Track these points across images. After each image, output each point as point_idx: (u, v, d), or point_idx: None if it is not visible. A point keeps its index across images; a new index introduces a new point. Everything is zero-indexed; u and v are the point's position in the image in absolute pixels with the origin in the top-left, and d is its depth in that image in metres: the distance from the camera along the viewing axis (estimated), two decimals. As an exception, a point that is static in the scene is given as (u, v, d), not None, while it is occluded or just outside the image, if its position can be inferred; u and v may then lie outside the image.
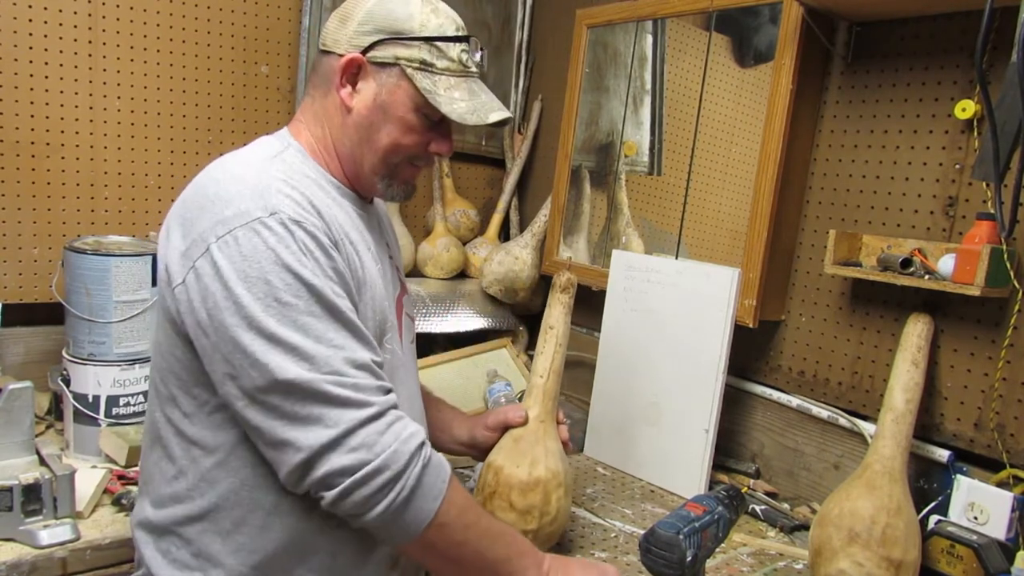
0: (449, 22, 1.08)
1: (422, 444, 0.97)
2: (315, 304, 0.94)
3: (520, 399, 1.55)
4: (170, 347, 1.03)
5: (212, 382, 0.99)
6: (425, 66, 1.05)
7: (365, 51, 1.06)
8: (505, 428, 1.33)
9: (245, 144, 1.11)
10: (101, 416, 1.54)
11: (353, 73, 1.07)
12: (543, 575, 1.06)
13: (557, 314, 1.40)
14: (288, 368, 0.91)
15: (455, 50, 1.07)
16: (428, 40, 1.05)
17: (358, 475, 0.92)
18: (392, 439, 0.94)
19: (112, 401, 1.55)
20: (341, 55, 1.06)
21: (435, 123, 1.10)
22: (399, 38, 1.05)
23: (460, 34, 1.08)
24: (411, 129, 1.08)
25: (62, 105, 1.76)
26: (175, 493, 1.05)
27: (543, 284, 2.23)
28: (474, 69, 1.10)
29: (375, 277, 1.09)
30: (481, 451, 1.35)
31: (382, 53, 1.06)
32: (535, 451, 1.28)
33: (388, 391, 0.99)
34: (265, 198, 0.96)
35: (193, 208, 0.99)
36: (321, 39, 1.11)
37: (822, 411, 1.58)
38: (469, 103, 1.07)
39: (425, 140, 1.10)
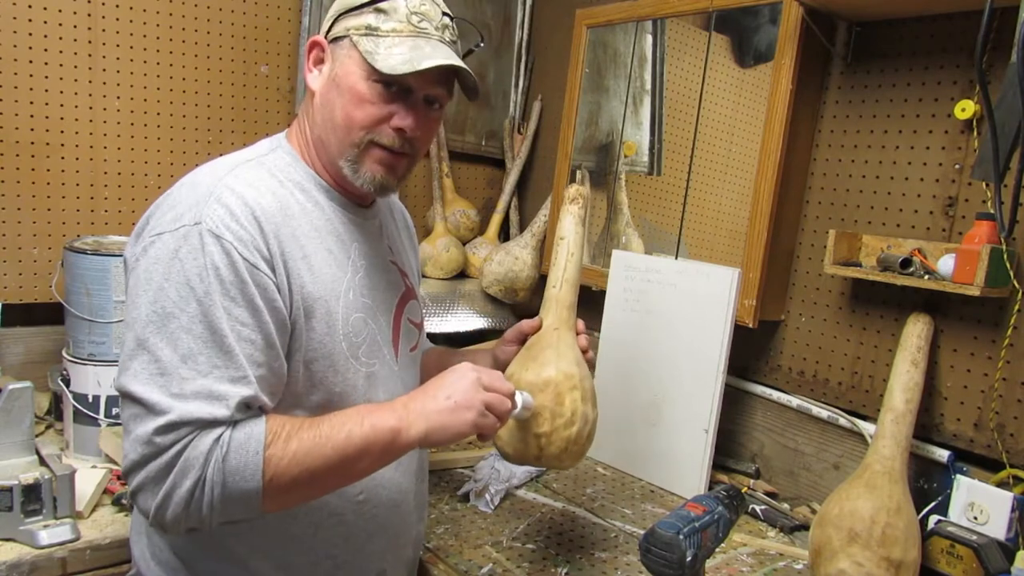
0: None
1: (218, 437, 0.89)
2: (198, 323, 0.90)
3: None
4: None
5: None
6: (370, 31, 1.01)
7: (327, 33, 1.06)
8: (523, 339, 1.29)
9: (244, 144, 1.11)
10: (101, 416, 1.54)
11: (318, 57, 1.06)
12: (409, 432, 0.97)
13: (568, 224, 1.35)
14: (140, 379, 0.89)
15: (402, 10, 1.02)
16: (371, 4, 1.02)
17: (159, 497, 0.88)
18: (179, 457, 0.88)
19: (112, 401, 1.54)
20: None
21: (396, 94, 1.02)
22: (349, 10, 1.04)
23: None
24: (363, 99, 1.01)
25: (62, 105, 1.77)
26: None
27: (543, 284, 2.23)
28: (431, 30, 1.03)
29: (338, 290, 1.04)
30: (504, 368, 1.29)
31: (336, 29, 1.05)
32: (545, 354, 1.22)
33: (219, 423, 0.90)
34: (200, 206, 0.95)
35: (155, 206, 1.01)
36: None
37: (822, 411, 1.58)
38: (406, 56, 1.00)
39: (383, 113, 1.02)
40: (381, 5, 1.02)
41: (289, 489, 0.92)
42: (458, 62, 1.02)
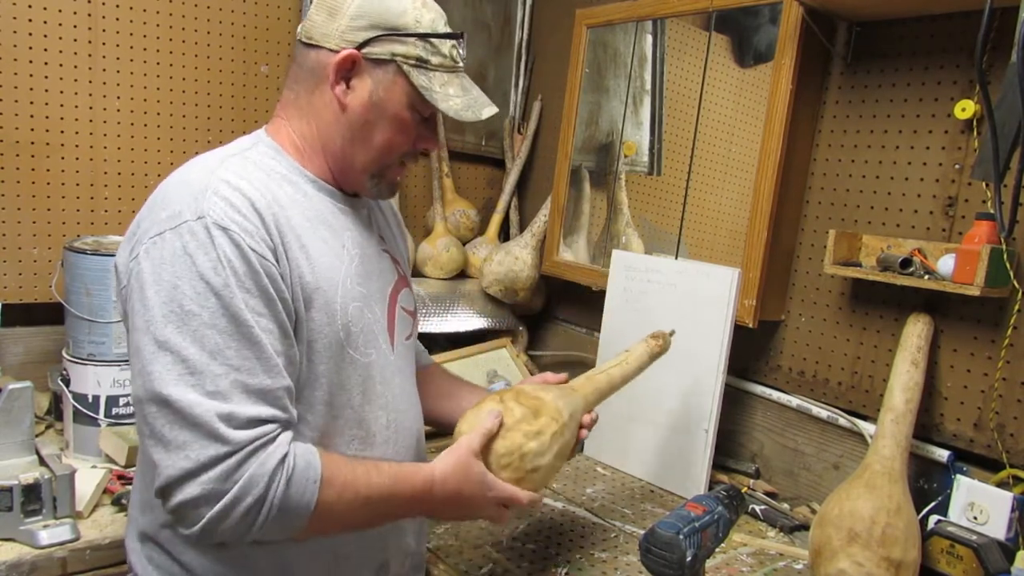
0: (439, 16, 1.07)
1: (283, 458, 0.92)
2: (221, 316, 0.90)
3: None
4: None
5: None
6: (421, 63, 1.05)
7: (360, 47, 1.04)
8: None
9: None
10: (101, 416, 1.54)
11: (347, 69, 1.05)
12: (434, 501, 1.07)
13: (640, 351, 1.39)
14: (168, 381, 0.88)
15: (447, 46, 1.07)
16: (423, 37, 1.04)
17: (217, 509, 0.88)
18: (250, 466, 0.89)
19: (112, 401, 1.55)
20: (333, 50, 1.04)
21: (423, 119, 1.10)
22: (395, 34, 1.03)
23: (450, 30, 1.08)
24: (404, 126, 1.08)
25: (62, 105, 1.77)
26: (150, 499, 1.03)
27: (543, 284, 2.23)
28: (461, 64, 1.10)
29: (336, 279, 1.04)
30: None
31: (378, 49, 1.03)
32: (557, 390, 1.23)
33: (275, 421, 0.93)
34: (199, 200, 0.94)
35: (145, 209, 1.00)
36: (304, 31, 1.07)
37: (822, 411, 1.58)
38: (463, 99, 1.07)
39: (414, 137, 1.10)
40: (432, 40, 1.05)
41: (327, 521, 0.97)
42: (495, 109, 1.11)
